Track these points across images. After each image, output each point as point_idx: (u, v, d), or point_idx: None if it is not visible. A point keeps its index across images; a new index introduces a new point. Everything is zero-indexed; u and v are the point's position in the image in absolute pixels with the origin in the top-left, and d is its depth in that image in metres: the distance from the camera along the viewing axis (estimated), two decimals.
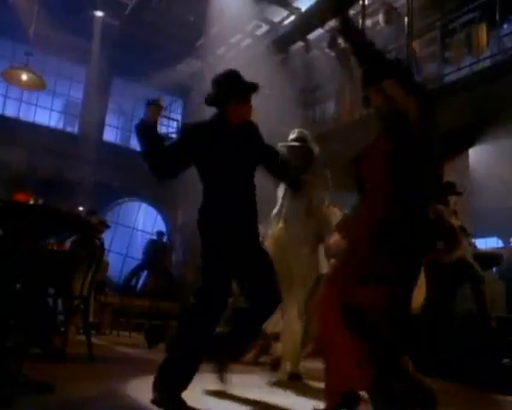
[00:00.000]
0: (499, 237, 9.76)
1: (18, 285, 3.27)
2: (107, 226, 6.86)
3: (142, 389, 2.88)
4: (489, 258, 5.39)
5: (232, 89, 2.77)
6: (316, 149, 3.84)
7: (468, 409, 3.01)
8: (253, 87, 2.82)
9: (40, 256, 3.71)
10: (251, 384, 3.36)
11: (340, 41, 8.82)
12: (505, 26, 6.93)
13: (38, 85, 7.89)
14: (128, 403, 2.48)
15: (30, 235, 3.36)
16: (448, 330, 4.06)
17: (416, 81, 2.95)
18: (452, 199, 4.86)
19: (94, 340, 4.68)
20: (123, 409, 2.39)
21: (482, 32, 6.96)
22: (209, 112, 2.88)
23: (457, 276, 4.40)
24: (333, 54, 9.10)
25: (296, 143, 3.77)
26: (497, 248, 9.26)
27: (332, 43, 9.08)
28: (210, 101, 2.82)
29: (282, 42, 10.26)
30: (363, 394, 2.20)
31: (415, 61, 7.15)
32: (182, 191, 10.46)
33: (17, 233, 2.92)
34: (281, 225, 3.69)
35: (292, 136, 3.87)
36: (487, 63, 6.60)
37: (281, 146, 3.64)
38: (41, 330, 3.78)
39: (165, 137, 13.93)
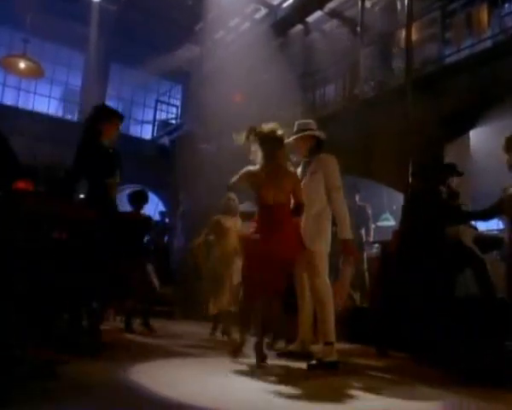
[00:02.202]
0: (500, 218, 9.75)
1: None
2: None
3: (149, 374, 2.91)
4: (490, 241, 5.40)
5: None
6: (321, 135, 3.90)
7: (471, 393, 3.04)
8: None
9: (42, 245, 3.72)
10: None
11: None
12: (506, 5, 6.85)
13: (37, 73, 7.85)
14: (134, 387, 2.50)
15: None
16: (449, 315, 4.07)
17: None
18: (453, 180, 4.84)
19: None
20: (128, 393, 2.42)
21: (483, 12, 6.88)
22: (208, 98, 2.88)
23: (456, 261, 4.40)
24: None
25: (298, 135, 3.85)
26: (499, 229, 9.25)
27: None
28: None
29: (281, 25, 10.17)
30: None
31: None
32: (183, 178, 10.46)
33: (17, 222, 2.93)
34: None
35: (295, 128, 3.93)
36: (488, 44, 6.55)
37: (287, 142, 3.77)
38: (47, 313, 3.81)
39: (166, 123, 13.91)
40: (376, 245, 6.88)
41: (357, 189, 7.22)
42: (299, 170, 3.91)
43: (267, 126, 3.68)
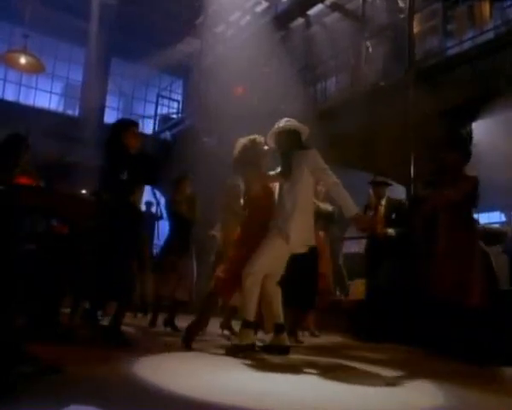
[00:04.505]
0: (502, 211, 9.75)
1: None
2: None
3: (151, 368, 2.92)
4: (494, 235, 5.42)
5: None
6: (303, 130, 3.91)
7: (472, 384, 3.05)
8: None
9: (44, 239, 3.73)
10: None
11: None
12: None
13: (37, 68, 7.84)
14: (136, 381, 2.51)
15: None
16: (450, 307, 4.08)
17: None
18: None
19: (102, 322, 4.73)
20: (131, 388, 2.43)
21: (485, 4, 6.85)
22: (209, 92, 2.87)
23: None
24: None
25: (278, 130, 3.88)
26: (501, 222, 9.26)
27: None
28: None
29: (281, 18, 10.12)
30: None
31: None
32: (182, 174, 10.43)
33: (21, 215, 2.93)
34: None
35: (276, 126, 3.95)
36: (490, 36, 6.51)
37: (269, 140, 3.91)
38: (50, 310, 3.82)
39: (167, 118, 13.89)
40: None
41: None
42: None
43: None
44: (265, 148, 3.93)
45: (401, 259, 4.83)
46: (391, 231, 5.21)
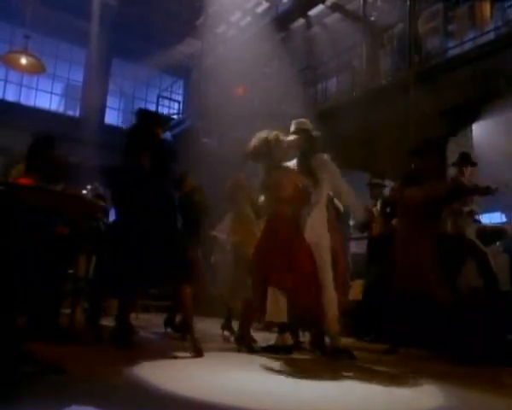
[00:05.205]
0: (502, 211, 9.74)
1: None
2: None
3: (153, 370, 2.92)
4: (493, 233, 5.41)
5: None
6: (316, 135, 3.95)
7: (473, 385, 3.05)
8: None
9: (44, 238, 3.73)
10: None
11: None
12: None
13: (38, 69, 7.84)
14: (138, 382, 2.51)
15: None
16: (453, 307, 4.07)
17: None
18: (468, 170, 4.83)
19: (102, 322, 4.74)
20: (133, 388, 2.43)
21: (486, 4, 6.84)
22: (210, 92, 2.87)
23: (458, 254, 4.41)
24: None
25: (296, 136, 3.90)
26: (502, 222, 9.24)
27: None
28: None
29: (282, 19, 10.12)
30: None
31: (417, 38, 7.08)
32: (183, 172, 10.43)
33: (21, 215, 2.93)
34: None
35: (292, 128, 3.97)
36: (491, 36, 6.50)
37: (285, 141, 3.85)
38: (49, 310, 3.82)
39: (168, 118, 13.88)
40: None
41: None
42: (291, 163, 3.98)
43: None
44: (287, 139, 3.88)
45: (388, 256, 4.85)
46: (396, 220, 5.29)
